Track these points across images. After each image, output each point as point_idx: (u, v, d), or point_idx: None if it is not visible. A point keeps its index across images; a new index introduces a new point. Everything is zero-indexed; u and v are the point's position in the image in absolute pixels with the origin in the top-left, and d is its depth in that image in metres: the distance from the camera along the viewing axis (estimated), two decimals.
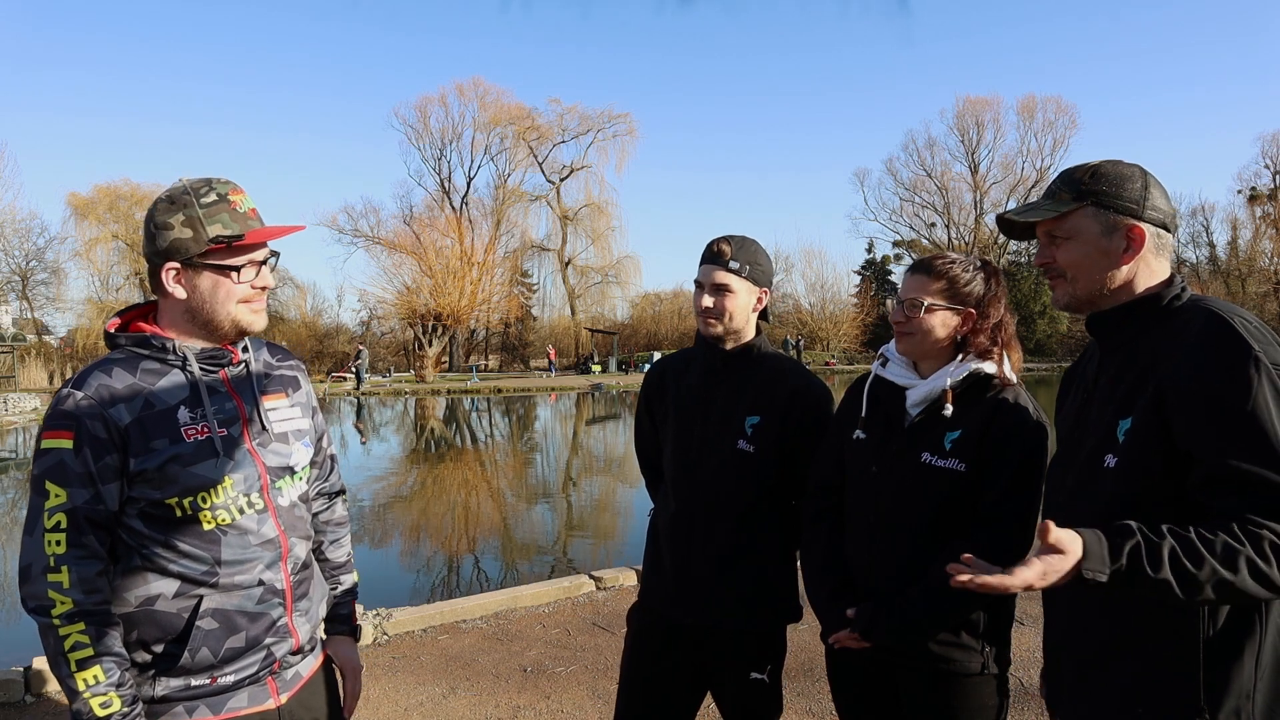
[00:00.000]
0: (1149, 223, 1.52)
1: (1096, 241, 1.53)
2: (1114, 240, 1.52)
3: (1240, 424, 1.30)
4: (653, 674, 2.27)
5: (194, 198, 1.54)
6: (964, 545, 1.87)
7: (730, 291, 2.17)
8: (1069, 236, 1.55)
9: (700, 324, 2.24)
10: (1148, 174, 1.55)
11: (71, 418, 1.47)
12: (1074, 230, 1.55)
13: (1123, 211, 1.52)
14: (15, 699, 3.93)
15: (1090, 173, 1.55)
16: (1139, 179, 1.54)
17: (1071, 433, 1.61)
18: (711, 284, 2.18)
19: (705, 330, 2.23)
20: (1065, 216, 1.55)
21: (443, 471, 13.90)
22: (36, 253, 43.88)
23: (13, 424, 20.32)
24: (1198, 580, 1.25)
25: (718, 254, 2.18)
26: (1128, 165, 1.57)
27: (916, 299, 1.95)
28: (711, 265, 2.19)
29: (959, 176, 57.53)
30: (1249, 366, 1.31)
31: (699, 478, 2.22)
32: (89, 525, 1.47)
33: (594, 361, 44.61)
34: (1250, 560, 1.24)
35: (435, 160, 52.28)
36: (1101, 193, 1.53)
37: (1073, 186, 1.55)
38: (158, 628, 1.51)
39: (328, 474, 1.91)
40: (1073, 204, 1.54)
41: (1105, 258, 1.53)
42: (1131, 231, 1.51)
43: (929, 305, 1.94)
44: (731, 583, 2.17)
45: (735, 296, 2.18)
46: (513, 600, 5.41)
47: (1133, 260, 1.51)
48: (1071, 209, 1.54)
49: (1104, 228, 1.52)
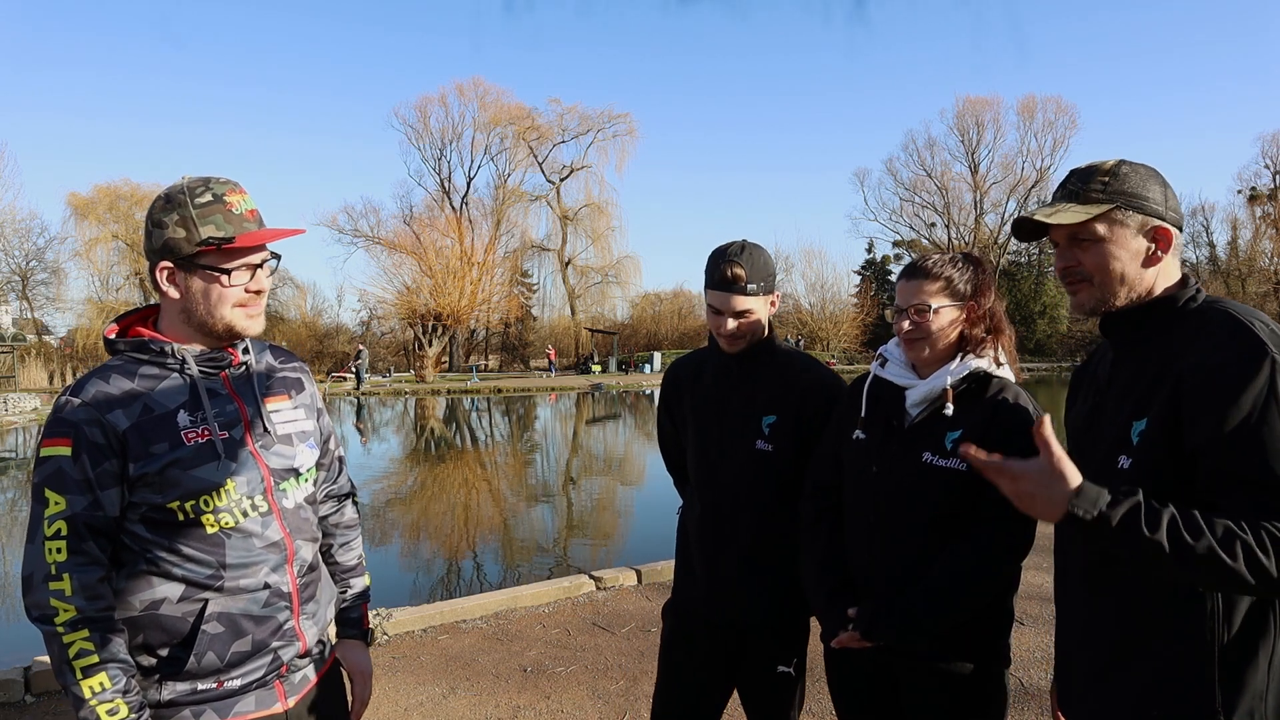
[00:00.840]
0: (1171, 224, 1.51)
1: (1127, 243, 1.49)
2: (1144, 242, 1.50)
3: (1254, 426, 1.29)
4: (687, 669, 2.33)
5: (189, 198, 1.52)
6: (965, 545, 1.88)
7: (751, 314, 2.19)
8: (1097, 239, 1.50)
9: (723, 344, 2.24)
10: (1162, 175, 1.54)
11: (69, 425, 1.46)
12: (1103, 232, 1.50)
13: (1149, 213, 1.49)
14: (15, 699, 3.92)
15: (1111, 172, 1.52)
16: (1158, 180, 1.53)
17: (1083, 434, 1.60)
18: (733, 311, 2.18)
19: (729, 348, 2.24)
20: (1095, 218, 1.50)
21: (443, 472, 13.90)
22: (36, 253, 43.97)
23: (13, 424, 20.31)
24: (1192, 552, 1.24)
25: (733, 280, 2.16)
26: (1145, 166, 1.55)
27: (924, 303, 1.94)
28: (728, 293, 2.17)
29: (959, 176, 57.61)
30: (1265, 369, 1.31)
31: (721, 479, 2.26)
32: (89, 532, 1.46)
33: (594, 361, 44.61)
34: (1248, 547, 1.23)
35: (435, 160, 52.37)
36: (1129, 193, 1.49)
37: (1098, 187, 1.51)
38: (163, 632, 1.50)
39: (336, 476, 1.89)
40: (1103, 205, 1.49)
41: (1134, 260, 1.50)
42: (1159, 233, 1.50)
43: (936, 307, 1.93)
44: (758, 579, 2.22)
45: (755, 315, 2.20)
46: (513, 600, 5.41)
47: (1160, 262, 1.50)
48: (1102, 210, 1.49)
49: (1133, 229, 1.49)
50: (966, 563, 1.86)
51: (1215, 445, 1.32)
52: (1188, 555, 1.24)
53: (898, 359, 2.05)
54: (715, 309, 2.21)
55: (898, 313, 1.98)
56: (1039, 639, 4.55)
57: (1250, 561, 1.23)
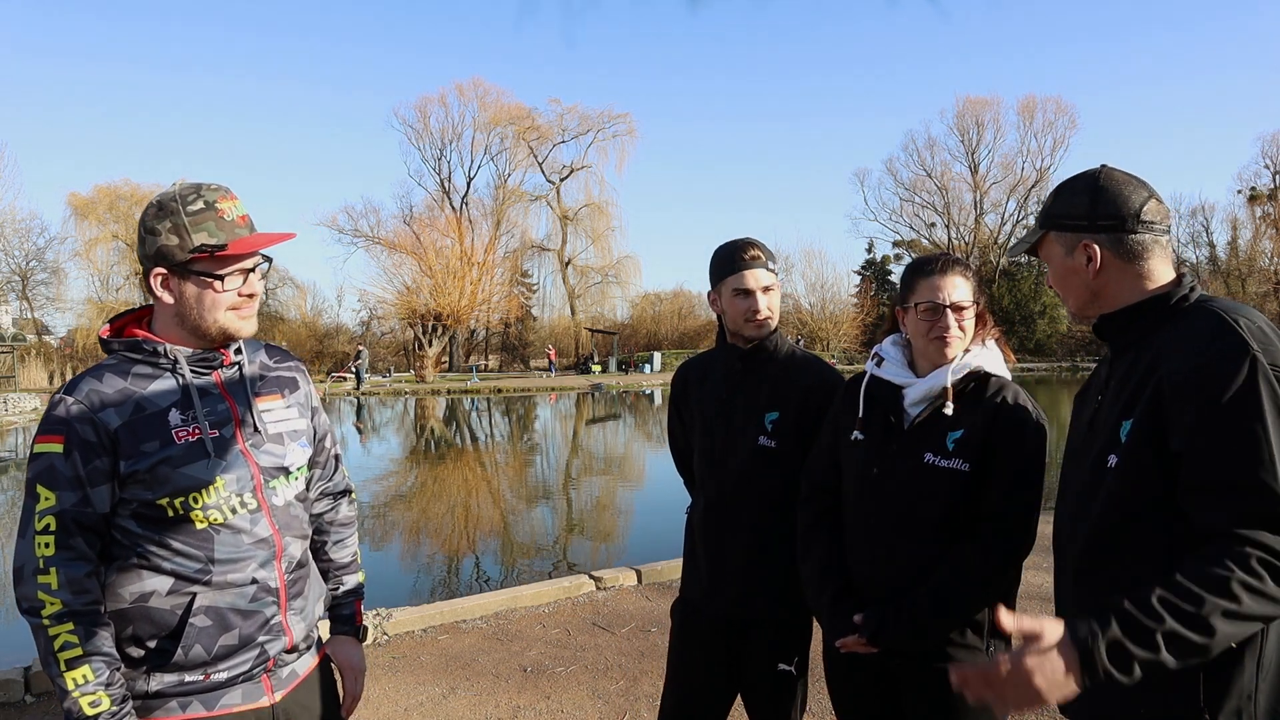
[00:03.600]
0: (1101, 232, 1.52)
1: (1063, 263, 1.58)
2: (1076, 259, 1.55)
3: (1232, 427, 1.29)
4: (693, 665, 2.34)
5: (181, 205, 1.56)
6: (968, 547, 1.87)
7: (774, 289, 2.29)
8: (1047, 261, 1.63)
9: (750, 329, 2.26)
10: (1098, 178, 1.55)
11: (62, 423, 1.50)
12: (1047, 256, 1.62)
13: (1072, 229, 1.55)
14: (15, 699, 3.93)
15: (1053, 196, 1.61)
16: (1084, 190, 1.55)
17: (1084, 434, 1.61)
18: (762, 287, 2.24)
19: (757, 333, 2.27)
20: (1038, 246, 1.62)
21: (443, 471, 13.90)
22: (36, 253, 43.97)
23: (13, 424, 20.33)
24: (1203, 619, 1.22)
25: (755, 259, 2.25)
26: (1077, 178, 1.59)
27: (973, 299, 1.96)
28: (751, 270, 2.23)
29: (959, 176, 57.63)
30: (1245, 369, 1.30)
31: (725, 475, 2.29)
32: (77, 528, 1.49)
33: (594, 361, 44.61)
34: (1244, 584, 1.22)
35: (435, 160, 52.39)
36: (1054, 215, 1.58)
37: (1041, 214, 1.62)
38: (151, 624, 1.53)
39: (331, 474, 1.91)
40: (1039, 232, 1.61)
41: (1076, 276, 1.56)
42: (1087, 249, 1.53)
43: (974, 302, 1.97)
44: (761, 575, 2.24)
45: (777, 293, 2.30)
46: (513, 600, 5.41)
47: (1101, 272, 1.53)
48: (1038, 238, 1.61)
49: (1065, 249, 1.57)
50: (971, 564, 1.85)
51: (1194, 447, 1.32)
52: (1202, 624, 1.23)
53: (894, 358, 2.04)
54: (744, 291, 2.24)
55: (932, 309, 1.94)
56: None
57: (1253, 593, 1.23)
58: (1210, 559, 1.26)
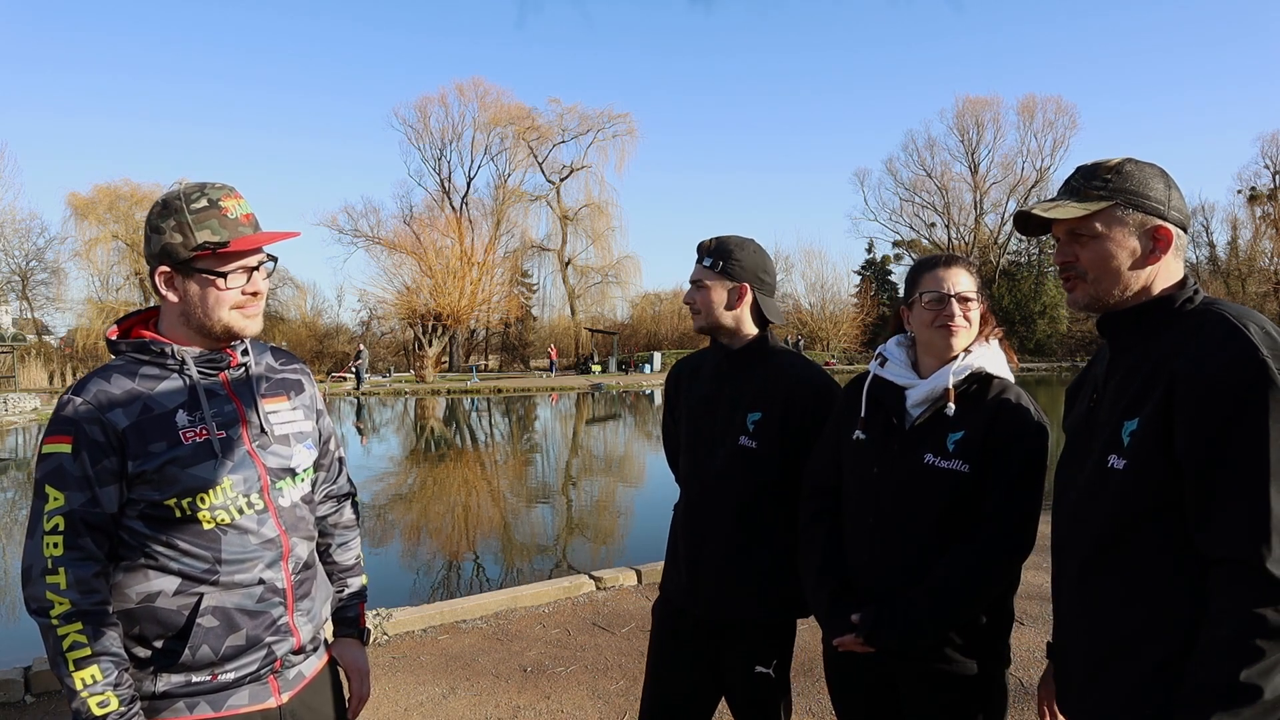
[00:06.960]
0: (1173, 223, 1.50)
1: (1124, 241, 1.49)
2: (1141, 240, 1.50)
3: (1243, 436, 1.28)
4: (673, 665, 2.34)
5: (184, 203, 1.56)
6: (967, 547, 1.87)
7: (703, 286, 2.30)
8: (1095, 235, 1.51)
9: None
10: (1168, 174, 1.54)
11: (70, 423, 1.50)
12: (1101, 229, 1.50)
13: (1150, 211, 1.49)
14: (15, 699, 3.93)
15: (1115, 170, 1.51)
16: (1163, 178, 1.52)
17: (1080, 434, 1.60)
18: (691, 281, 2.34)
19: (694, 326, 2.38)
20: (1093, 214, 1.50)
21: (443, 472, 13.90)
22: (36, 253, 44.02)
23: (13, 424, 20.32)
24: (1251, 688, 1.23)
25: (697, 251, 2.35)
26: (1150, 164, 1.54)
27: (971, 290, 1.96)
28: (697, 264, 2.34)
29: (959, 176, 57.67)
30: (1258, 377, 1.29)
31: (706, 474, 2.29)
32: (85, 528, 1.49)
33: (594, 362, 44.60)
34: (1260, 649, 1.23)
35: (435, 160, 52.39)
36: (1130, 191, 1.49)
37: (1100, 184, 1.51)
38: (159, 624, 1.53)
39: (335, 476, 1.91)
40: (1102, 201, 1.49)
41: (1131, 258, 1.50)
42: (1159, 232, 1.49)
43: (978, 295, 1.97)
44: (740, 575, 2.22)
45: (708, 291, 2.29)
46: (513, 600, 5.41)
47: (1158, 261, 1.50)
48: (1101, 207, 1.49)
49: (1132, 227, 1.49)
50: (969, 564, 1.85)
51: (1203, 454, 1.31)
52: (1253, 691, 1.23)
53: (898, 358, 2.04)
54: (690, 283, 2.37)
55: (938, 299, 1.94)
56: (1039, 639, 4.54)
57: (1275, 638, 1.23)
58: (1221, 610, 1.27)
